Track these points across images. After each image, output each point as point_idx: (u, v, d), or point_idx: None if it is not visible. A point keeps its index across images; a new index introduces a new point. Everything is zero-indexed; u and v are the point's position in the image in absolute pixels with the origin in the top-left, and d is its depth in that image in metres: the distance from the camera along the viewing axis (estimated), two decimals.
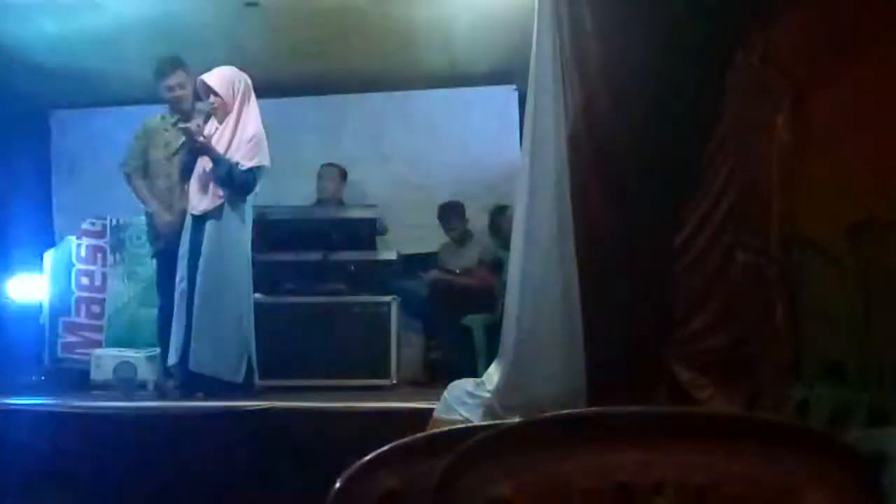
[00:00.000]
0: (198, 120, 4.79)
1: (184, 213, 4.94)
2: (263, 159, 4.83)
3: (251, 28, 5.61)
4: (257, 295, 5.06)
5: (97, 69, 6.03)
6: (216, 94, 4.78)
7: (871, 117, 3.26)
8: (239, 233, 4.83)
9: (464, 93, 6.56)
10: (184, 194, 4.92)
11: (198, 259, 4.70)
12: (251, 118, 4.86)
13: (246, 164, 4.76)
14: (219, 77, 4.82)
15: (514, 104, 6.33)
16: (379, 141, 6.66)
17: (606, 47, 3.42)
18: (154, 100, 5.35)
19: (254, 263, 4.93)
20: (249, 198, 4.88)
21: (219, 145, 4.77)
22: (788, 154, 3.30)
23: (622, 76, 3.42)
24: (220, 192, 4.75)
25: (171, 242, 4.92)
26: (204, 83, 4.80)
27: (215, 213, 4.75)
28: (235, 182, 4.75)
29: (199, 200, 4.77)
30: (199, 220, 4.77)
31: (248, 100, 4.88)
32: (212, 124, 4.83)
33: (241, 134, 4.81)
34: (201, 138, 4.73)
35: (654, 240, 3.43)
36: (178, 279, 4.75)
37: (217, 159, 4.73)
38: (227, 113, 4.82)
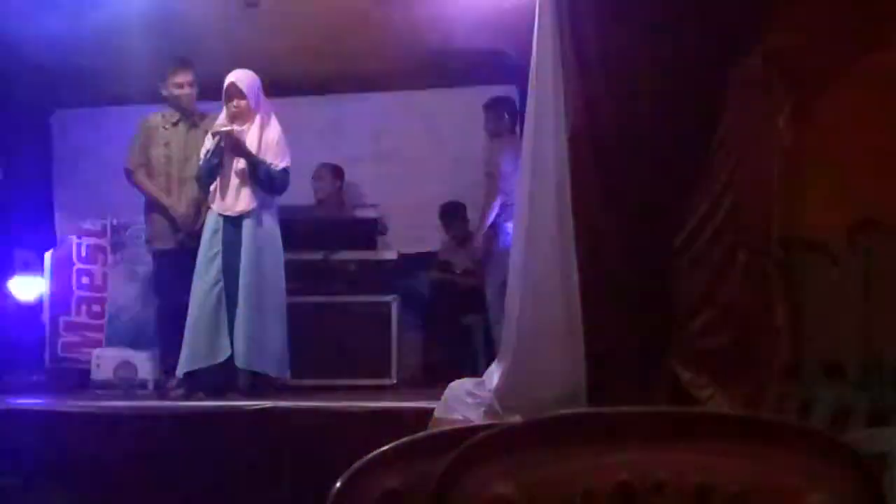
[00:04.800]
0: (225, 122, 4.81)
1: (197, 207, 4.97)
2: (289, 160, 4.93)
3: (251, 28, 5.61)
4: None
5: (97, 69, 6.02)
6: (243, 97, 4.80)
7: (871, 117, 3.26)
8: (274, 231, 4.91)
9: (464, 93, 6.55)
10: (208, 195, 4.93)
11: (233, 259, 4.74)
12: (274, 120, 4.94)
13: (279, 164, 4.85)
14: (245, 80, 4.85)
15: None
16: (379, 141, 6.66)
17: (607, 47, 3.42)
18: (154, 99, 5.35)
19: None
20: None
21: (248, 147, 4.80)
22: (789, 154, 3.30)
23: (623, 76, 3.42)
24: (257, 193, 4.79)
25: (188, 236, 4.93)
26: (234, 85, 4.81)
27: (251, 213, 4.80)
28: (275, 183, 4.84)
29: (235, 202, 4.81)
30: (234, 220, 4.80)
31: (268, 102, 4.96)
32: (235, 126, 4.85)
33: (268, 136, 4.87)
34: (242, 141, 4.77)
35: (654, 240, 3.43)
36: (210, 280, 4.75)
37: (255, 161, 4.77)
38: (250, 116, 4.84)
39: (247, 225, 4.78)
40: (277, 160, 4.84)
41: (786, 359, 3.27)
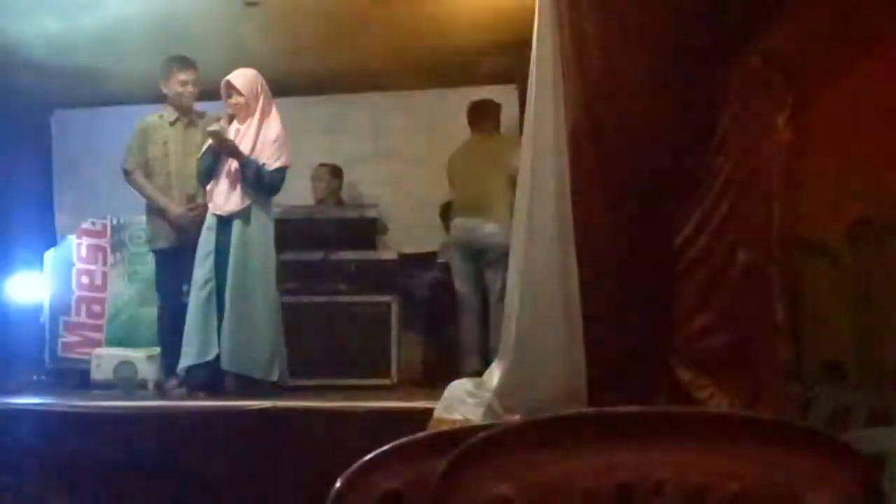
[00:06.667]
0: (223, 122, 4.80)
1: (195, 206, 4.96)
2: (287, 160, 4.88)
3: (251, 28, 5.61)
4: None
5: (97, 69, 6.02)
6: (240, 94, 4.80)
7: (872, 117, 3.27)
8: (266, 232, 4.88)
9: (464, 93, 6.55)
10: (204, 195, 4.94)
11: (224, 259, 4.72)
12: (274, 119, 4.90)
13: (272, 164, 4.81)
14: (242, 78, 4.84)
15: (514, 104, 6.32)
16: (379, 141, 6.66)
17: (607, 47, 3.42)
18: (154, 99, 5.35)
19: None
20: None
21: (243, 146, 4.79)
22: (789, 154, 3.30)
23: (622, 76, 3.42)
24: (248, 193, 4.77)
25: (188, 236, 4.92)
26: (229, 83, 4.81)
27: (242, 213, 4.78)
28: (265, 183, 4.80)
29: (226, 201, 4.79)
30: (225, 220, 4.79)
31: (269, 101, 4.91)
32: (233, 126, 4.84)
33: (266, 135, 4.84)
34: (231, 140, 4.76)
35: (655, 240, 3.43)
36: (201, 279, 4.75)
37: (246, 161, 4.76)
38: (249, 114, 4.83)
39: (236, 225, 4.76)
40: (272, 160, 4.80)
41: (786, 359, 3.27)
